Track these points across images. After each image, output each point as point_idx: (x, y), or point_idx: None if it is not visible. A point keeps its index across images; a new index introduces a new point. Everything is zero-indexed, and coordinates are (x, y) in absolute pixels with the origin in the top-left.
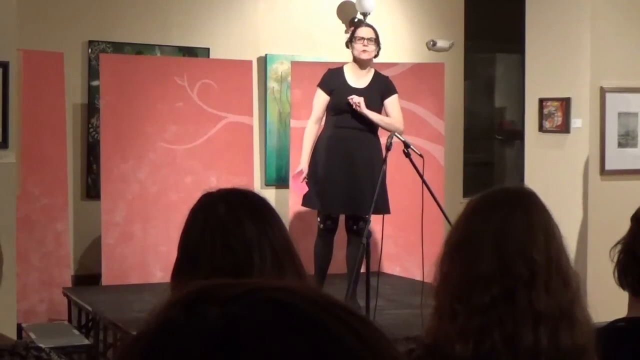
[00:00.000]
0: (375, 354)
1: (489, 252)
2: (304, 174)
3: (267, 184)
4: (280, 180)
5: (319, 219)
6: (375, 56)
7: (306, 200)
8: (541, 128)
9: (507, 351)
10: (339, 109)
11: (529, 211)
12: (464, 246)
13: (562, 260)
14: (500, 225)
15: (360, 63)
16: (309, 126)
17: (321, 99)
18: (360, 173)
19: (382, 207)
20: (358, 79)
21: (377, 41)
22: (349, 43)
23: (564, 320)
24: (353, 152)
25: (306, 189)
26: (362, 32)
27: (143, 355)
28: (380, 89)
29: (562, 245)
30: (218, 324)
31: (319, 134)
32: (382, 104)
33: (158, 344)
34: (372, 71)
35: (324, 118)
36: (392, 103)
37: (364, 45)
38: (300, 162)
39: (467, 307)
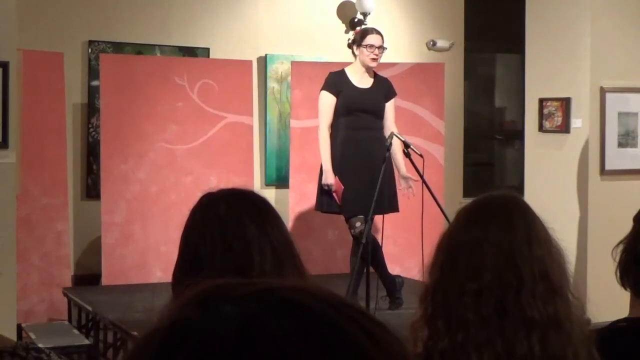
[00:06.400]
0: (387, 355)
1: (476, 265)
2: (333, 183)
3: (267, 184)
4: (280, 180)
5: (349, 226)
6: None
7: (326, 206)
8: (541, 128)
9: None
10: (349, 109)
11: (509, 220)
12: (451, 260)
13: (550, 267)
14: (481, 237)
15: (367, 68)
16: (323, 134)
17: (330, 102)
18: (379, 173)
19: (394, 205)
20: (361, 80)
21: (384, 47)
22: (355, 46)
23: (553, 327)
24: (371, 152)
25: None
26: (373, 39)
27: (157, 352)
28: (383, 90)
29: (552, 251)
30: (233, 323)
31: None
32: (385, 104)
33: (172, 342)
34: (373, 72)
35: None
36: (391, 106)
37: (375, 54)
38: (326, 176)
39: (461, 321)
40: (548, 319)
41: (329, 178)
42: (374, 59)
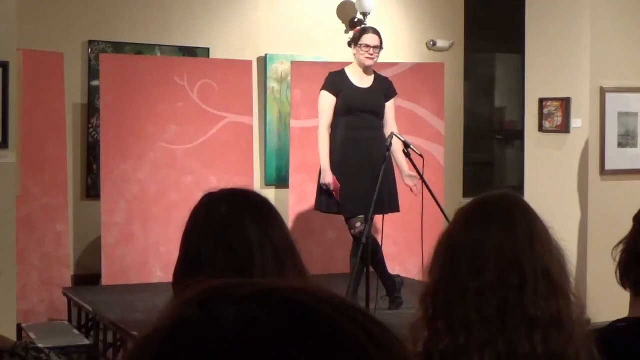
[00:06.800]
0: (388, 355)
1: (477, 265)
2: (331, 182)
3: (267, 184)
4: (280, 180)
5: (349, 226)
6: None
7: (325, 206)
8: (541, 128)
9: None
10: (349, 109)
11: (510, 218)
12: (452, 260)
13: (551, 265)
14: (482, 236)
15: (365, 67)
16: (323, 134)
17: (330, 102)
18: (379, 173)
19: (394, 206)
20: (361, 79)
21: (381, 47)
22: (353, 45)
23: (554, 325)
24: (371, 152)
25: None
26: (369, 39)
27: (157, 352)
28: (383, 89)
29: (552, 250)
30: (233, 323)
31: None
32: (385, 104)
33: (172, 341)
34: (373, 71)
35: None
36: (391, 105)
37: (370, 54)
38: (325, 175)
39: (463, 321)
40: (550, 317)
41: (327, 177)
42: (369, 59)
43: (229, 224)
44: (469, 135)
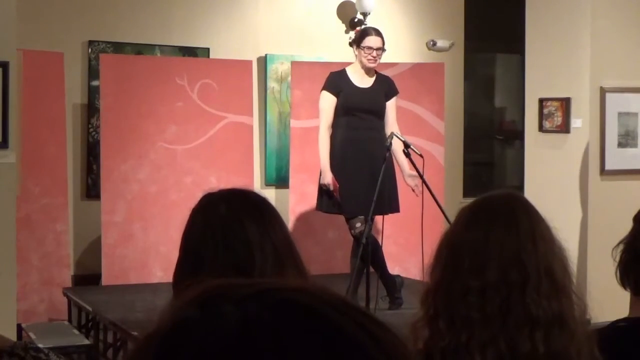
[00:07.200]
0: (389, 355)
1: (480, 264)
2: (331, 182)
3: (267, 184)
4: (280, 180)
5: (349, 226)
6: None
7: (326, 206)
8: (541, 128)
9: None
10: (350, 109)
11: (513, 217)
12: (454, 259)
13: (554, 265)
14: (485, 235)
15: (366, 69)
16: (323, 134)
17: (331, 102)
18: (379, 173)
19: (394, 206)
20: (362, 79)
21: (384, 48)
22: (355, 47)
23: (556, 325)
24: (371, 152)
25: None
26: (372, 41)
27: (158, 352)
28: (384, 88)
29: (555, 249)
30: (234, 323)
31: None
32: (385, 104)
33: (173, 342)
34: (374, 72)
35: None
36: (392, 105)
37: (373, 57)
38: (324, 176)
39: (465, 319)
40: (552, 317)
41: (327, 177)
42: (371, 61)
43: (228, 224)
44: (469, 135)
